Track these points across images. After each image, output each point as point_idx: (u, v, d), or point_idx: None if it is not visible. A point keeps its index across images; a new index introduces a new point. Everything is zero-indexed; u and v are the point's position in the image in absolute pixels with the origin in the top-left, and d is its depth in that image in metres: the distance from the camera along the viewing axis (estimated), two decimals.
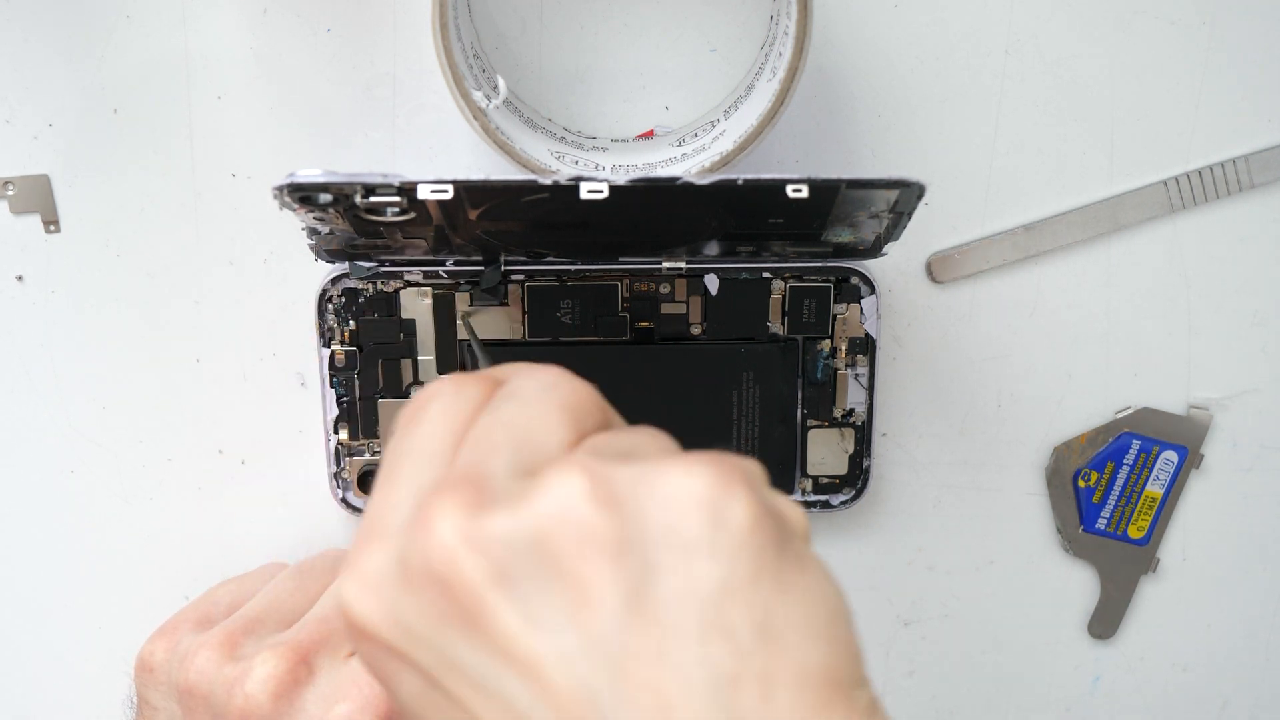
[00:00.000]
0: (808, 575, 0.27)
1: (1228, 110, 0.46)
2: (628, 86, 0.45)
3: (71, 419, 0.47)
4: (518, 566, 0.26)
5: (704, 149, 0.42)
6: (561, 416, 0.29)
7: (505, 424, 0.29)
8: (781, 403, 0.46)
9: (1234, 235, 0.47)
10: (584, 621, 0.26)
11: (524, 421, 0.29)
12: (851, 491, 0.47)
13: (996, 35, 0.45)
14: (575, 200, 0.34)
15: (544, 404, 0.30)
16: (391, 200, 0.35)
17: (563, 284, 0.45)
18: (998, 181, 0.47)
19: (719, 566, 0.26)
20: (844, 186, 0.34)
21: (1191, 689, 0.51)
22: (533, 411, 0.29)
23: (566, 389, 0.30)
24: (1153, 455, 0.48)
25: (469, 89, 0.40)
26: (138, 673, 0.42)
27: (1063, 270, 0.47)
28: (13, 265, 0.46)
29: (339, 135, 0.45)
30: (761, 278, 0.45)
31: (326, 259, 0.42)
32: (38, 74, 0.45)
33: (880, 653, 0.50)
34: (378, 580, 0.28)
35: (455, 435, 0.30)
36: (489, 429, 0.29)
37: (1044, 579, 0.50)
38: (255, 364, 0.47)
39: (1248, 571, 0.50)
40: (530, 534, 0.27)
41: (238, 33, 0.45)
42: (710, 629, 0.26)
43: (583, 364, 0.45)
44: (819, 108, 0.46)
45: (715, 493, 0.27)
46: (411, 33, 0.45)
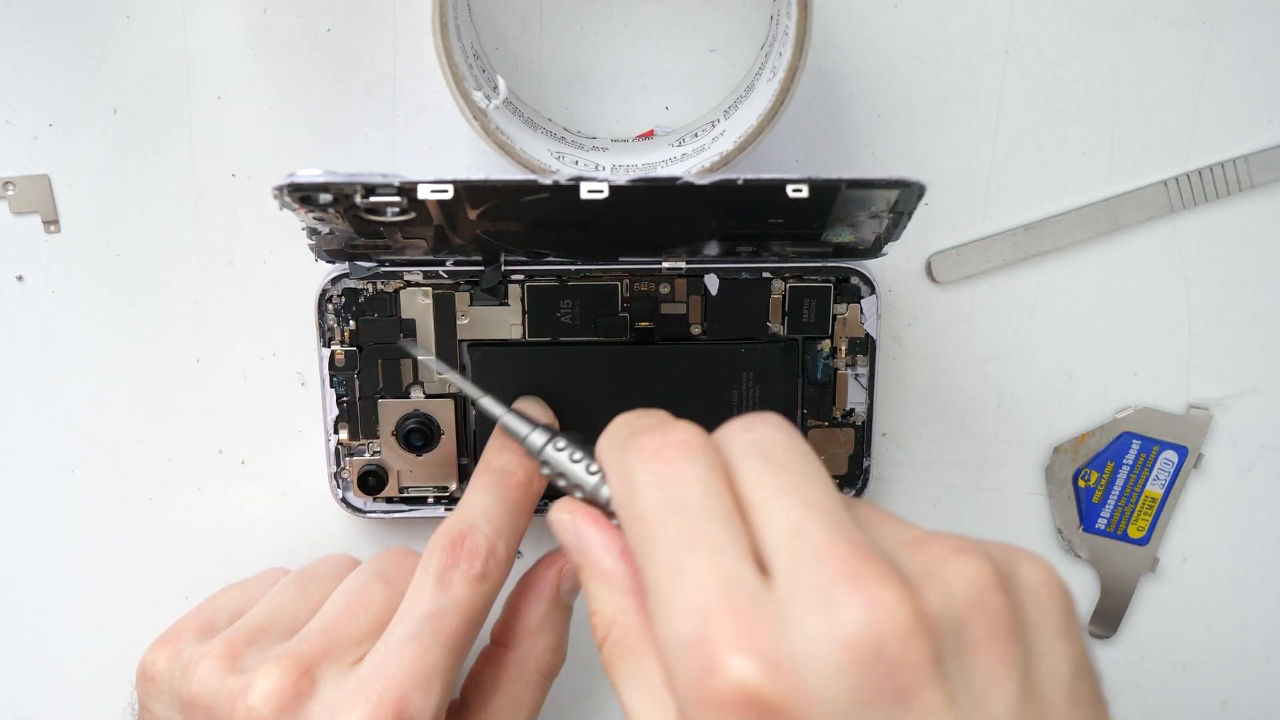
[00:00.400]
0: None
1: (1228, 110, 0.46)
2: (628, 86, 0.45)
3: (71, 419, 0.47)
4: (946, 648, 0.29)
5: (704, 149, 0.42)
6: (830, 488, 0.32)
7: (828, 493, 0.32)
8: (782, 403, 0.46)
9: (1234, 235, 0.47)
10: (992, 701, 0.29)
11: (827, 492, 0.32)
12: (851, 491, 0.47)
13: (996, 35, 0.45)
14: (575, 200, 0.34)
15: (818, 471, 0.33)
16: (391, 200, 0.35)
17: (563, 284, 0.45)
18: (998, 181, 0.47)
19: (1076, 647, 0.32)
20: (844, 186, 0.34)
21: (1191, 689, 0.51)
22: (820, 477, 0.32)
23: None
24: (1153, 455, 0.48)
25: (469, 89, 0.40)
26: (140, 682, 0.41)
27: (1063, 270, 0.47)
28: (13, 265, 0.46)
29: (339, 135, 0.45)
30: (762, 278, 0.45)
31: (326, 259, 0.42)
32: (38, 74, 0.45)
33: None
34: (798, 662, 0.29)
35: (728, 499, 0.32)
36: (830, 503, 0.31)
37: None
38: (255, 364, 0.47)
39: (1248, 571, 0.50)
40: (957, 618, 0.29)
41: (238, 33, 0.45)
42: (1074, 703, 0.31)
43: (583, 364, 0.45)
44: (819, 108, 0.46)
45: (1058, 578, 0.33)
46: (411, 33, 0.45)
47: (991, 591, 0.30)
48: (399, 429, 0.46)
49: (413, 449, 0.46)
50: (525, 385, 0.45)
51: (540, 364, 0.45)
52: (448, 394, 0.46)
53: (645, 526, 0.32)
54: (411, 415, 0.46)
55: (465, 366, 0.45)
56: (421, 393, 0.46)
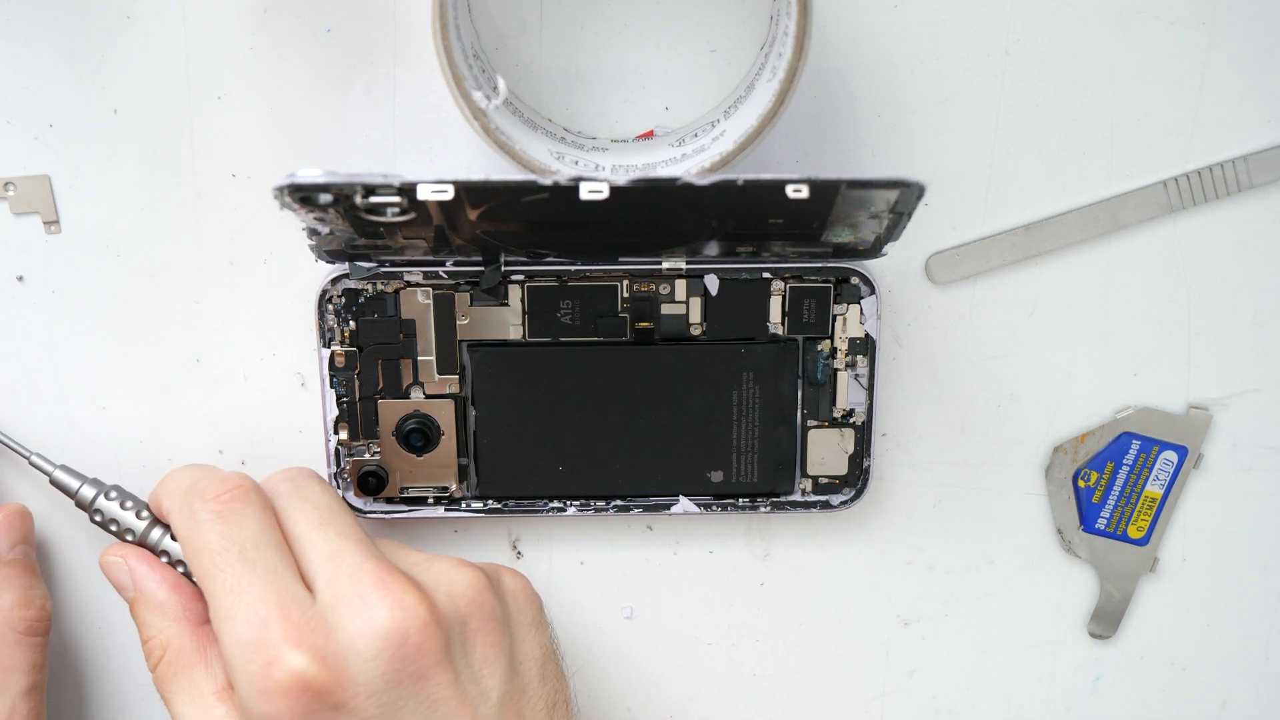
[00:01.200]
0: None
1: (1228, 110, 0.46)
2: (628, 86, 0.45)
3: (71, 419, 0.47)
4: (453, 638, 0.39)
5: (704, 149, 0.42)
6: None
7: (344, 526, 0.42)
8: (781, 403, 0.46)
9: (1234, 235, 0.47)
10: (486, 676, 0.40)
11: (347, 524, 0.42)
12: (851, 492, 0.47)
13: (996, 35, 0.45)
14: (575, 200, 0.34)
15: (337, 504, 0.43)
16: (391, 200, 0.35)
17: (563, 284, 0.45)
18: (998, 181, 0.47)
19: (544, 635, 0.43)
20: (844, 187, 0.34)
21: (1191, 689, 0.51)
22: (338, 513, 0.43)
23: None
24: (1152, 455, 0.48)
25: (469, 89, 0.40)
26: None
27: (1063, 270, 0.47)
28: (13, 265, 0.46)
29: (339, 135, 0.45)
30: (761, 278, 0.45)
31: (327, 259, 0.42)
32: (38, 74, 0.45)
33: (880, 653, 0.50)
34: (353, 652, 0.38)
35: (277, 533, 0.41)
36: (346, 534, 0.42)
37: (1044, 579, 0.50)
38: (255, 364, 0.47)
39: (1248, 571, 0.50)
40: (461, 614, 0.40)
41: (238, 33, 0.45)
42: (544, 678, 0.42)
43: (583, 365, 0.45)
44: (819, 108, 0.46)
45: (530, 586, 0.44)
46: (411, 33, 0.45)
47: (485, 593, 0.40)
48: (399, 429, 0.46)
49: (413, 449, 0.46)
50: (525, 385, 0.45)
51: (540, 364, 0.45)
52: (448, 394, 0.46)
53: (209, 555, 0.40)
54: (411, 416, 0.46)
55: (465, 367, 0.45)
56: (421, 393, 0.46)
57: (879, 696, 0.51)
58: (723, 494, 0.47)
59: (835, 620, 0.50)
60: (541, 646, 0.42)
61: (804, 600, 0.50)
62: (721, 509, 0.47)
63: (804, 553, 0.49)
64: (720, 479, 0.46)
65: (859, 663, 0.50)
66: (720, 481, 0.46)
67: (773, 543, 0.49)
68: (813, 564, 0.49)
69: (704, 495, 0.47)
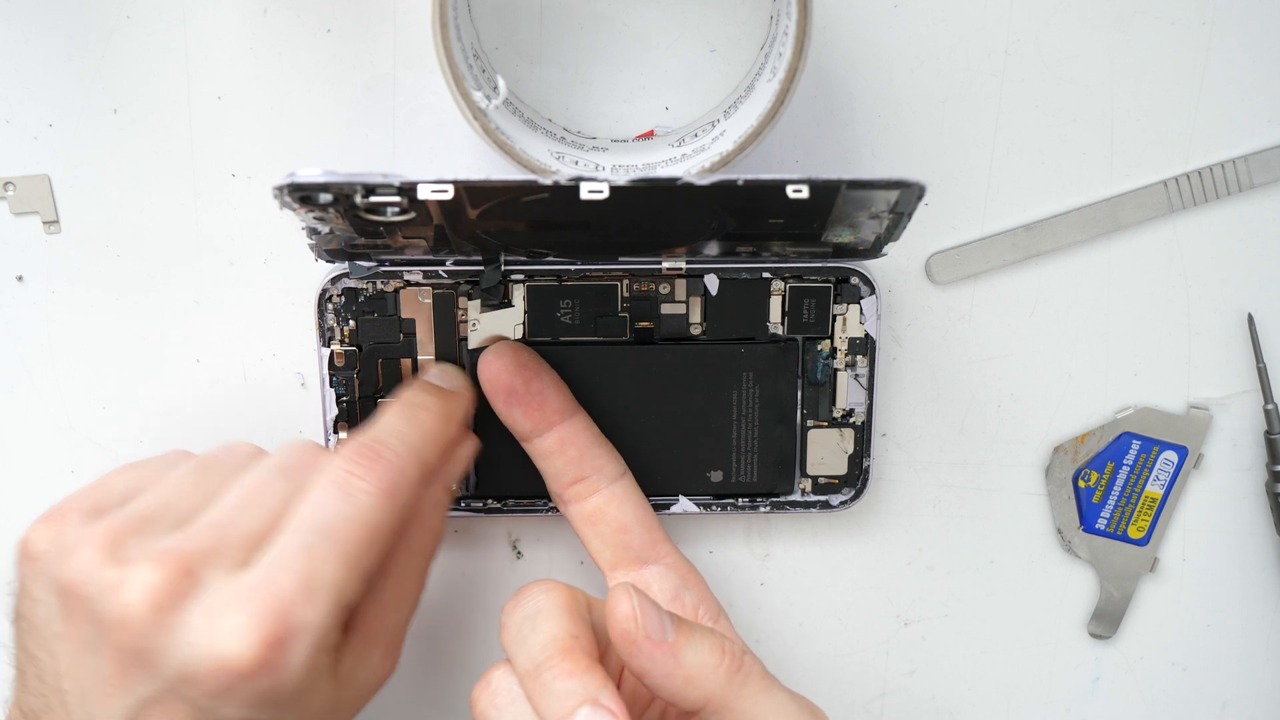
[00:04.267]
0: None
1: (1228, 110, 0.46)
2: (628, 86, 0.45)
3: (71, 419, 0.47)
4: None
5: (704, 149, 0.42)
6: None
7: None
8: (781, 403, 0.46)
9: (1234, 235, 0.47)
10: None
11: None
12: (851, 492, 0.47)
13: (996, 35, 0.45)
14: (575, 200, 0.34)
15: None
16: (391, 200, 0.35)
17: (562, 284, 0.45)
18: (998, 181, 0.47)
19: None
20: (844, 187, 0.34)
21: (1191, 689, 0.51)
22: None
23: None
24: (1153, 455, 0.48)
25: (469, 89, 0.40)
26: (20, 560, 0.39)
27: (1063, 270, 0.47)
28: (13, 265, 0.46)
29: (339, 135, 0.45)
30: (761, 278, 0.45)
31: (326, 259, 0.42)
32: (38, 74, 0.45)
33: (880, 653, 0.50)
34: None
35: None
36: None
37: (1044, 579, 0.50)
38: (255, 364, 0.47)
39: (1248, 571, 0.50)
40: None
41: (238, 33, 0.45)
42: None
43: (583, 364, 0.45)
44: (819, 108, 0.46)
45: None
46: (411, 33, 0.45)
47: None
48: None
49: None
50: None
51: None
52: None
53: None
54: None
55: (466, 367, 0.45)
56: None
57: (879, 696, 0.51)
58: (722, 494, 0.47)
59: (835, 620, 0.50)
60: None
61: (804, 600, 0.50)
62: (721, 509, 0.47)
63: (804, 553, 0.49)
64: (720, 479, 0.46)
65: (859, 663, 0.50)
66: (720, 481, 0.46)
67: (772, 543, 0.49)
68: (813, 564, 0.49)
69: (704, 495, 0.47)
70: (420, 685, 0.50)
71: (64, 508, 0.39)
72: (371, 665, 0.41)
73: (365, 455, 0.39)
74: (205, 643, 0.35)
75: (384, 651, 0.41)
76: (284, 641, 0.35)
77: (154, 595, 0.36)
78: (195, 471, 0.41)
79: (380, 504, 0.38)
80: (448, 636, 0.49)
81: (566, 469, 0.44)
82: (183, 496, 0.40)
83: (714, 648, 0.39)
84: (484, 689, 0.39)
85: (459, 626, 0.49)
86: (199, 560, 0.37)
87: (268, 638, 0.35)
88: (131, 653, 0.36)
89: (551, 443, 0.43)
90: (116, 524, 0.38)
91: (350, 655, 0.40)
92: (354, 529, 0.37)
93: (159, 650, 0.36)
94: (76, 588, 0.37)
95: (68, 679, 0.37)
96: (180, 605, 0.36)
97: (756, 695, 0.39)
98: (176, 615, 0.36)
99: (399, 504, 0.39)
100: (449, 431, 0.42)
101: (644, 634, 0.38)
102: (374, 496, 0.38)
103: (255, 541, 0.38)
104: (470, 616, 0.49)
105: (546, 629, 0.39)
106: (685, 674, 0.38)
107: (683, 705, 0.39)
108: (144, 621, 0.36)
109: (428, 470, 0.40)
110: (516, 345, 0.44)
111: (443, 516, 0.43)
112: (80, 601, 0.37)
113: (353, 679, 0.40)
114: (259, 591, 0.36)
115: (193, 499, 0.40)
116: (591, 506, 0.44)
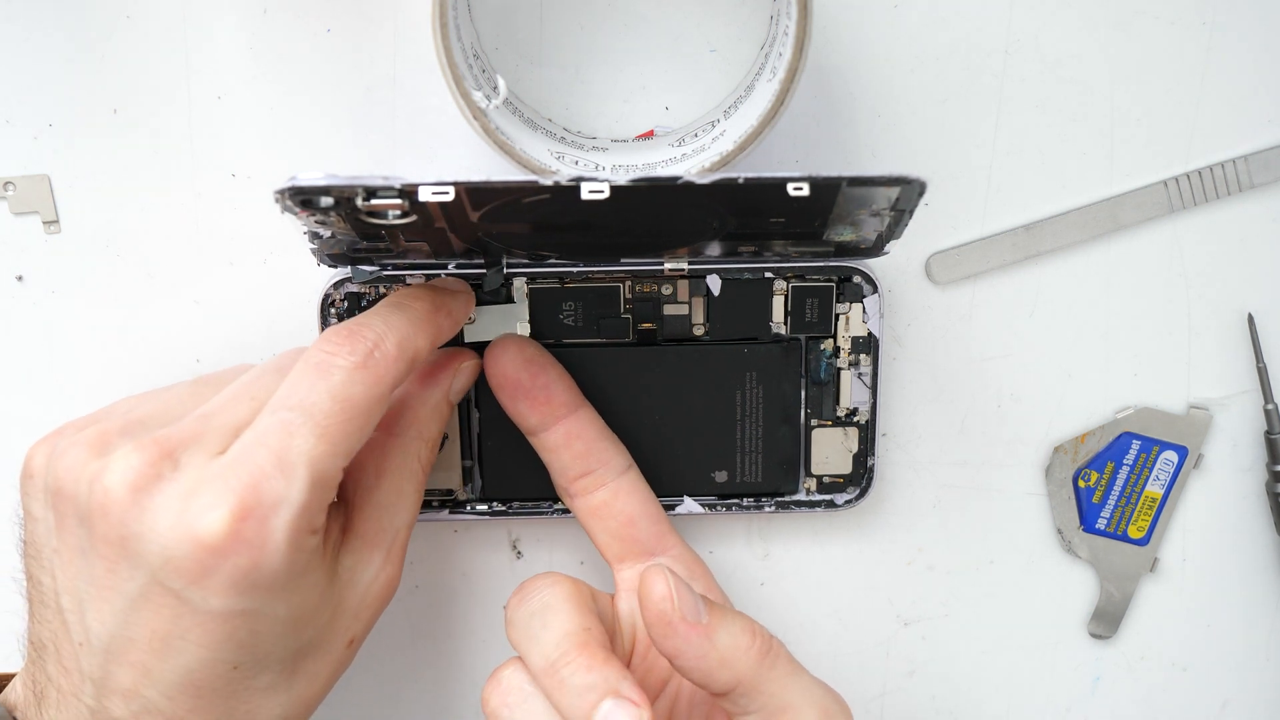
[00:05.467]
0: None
1: (1228, 110, 0.46)
2: (628, 86, 0.45)
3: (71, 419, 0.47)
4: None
5: (704, 149, 0.42)
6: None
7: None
8: (785, 402, 0.46)
9: (1234, 235, 0.47)
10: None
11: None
12: (856, 490, 0.47)
13: (996, 35, 0.45)
14: (576, 201, 0.34)
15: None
16: (393, 202, 0.35)
17: (564, 286, 0.45)
18: (998, 181, 0.47)
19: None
20: (845, 184, 0.34)
21: (1191, 689, 0.51)
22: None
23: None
24: (1153, 455, 0.48)
25: (469, 89, 0.40)
26: (21, 481, 0.40)
27: (1063, 270, 0.47)
28: (13, 265, 0.46)
29: (339, 136, 0.45)
30: (764, 277, 0.45)
31: (329, 264, 0.42)
32: (38, 74, 0.45)
33: (880, 653, 0.50)
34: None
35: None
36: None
37: (1044, 579, 0.50)
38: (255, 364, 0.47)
39: (1248, 571, 0.50)
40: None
41: (238, 33, 0.45)
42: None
43: (586, 366, 0.45)
44: (819, 108, 0.46)
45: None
46: (411, 33, 0.45)
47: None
48: None
49: None
50: None
51: None
52: None
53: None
54: None
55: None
56: None
57: (879, 696, 0.51)
58: (727, 494, 0.47)
59: (835, 620, 0.50)
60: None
61: (804, 600, 0.50)
62: (726, 509, 0.47)
63: (804, 553, 0.49)
64: (724, 479, 0.46)
65: (859, 663, 0.50)
66: (725, 482, 0.46)
67: (773, 543, 0.49)
68: (813, 564, 0.49)
69: (708, 495, 0.47)
70: (420, 685, 0.50)
71: (62, 427, 0.40)
72: (373, 567, 0.41)
73: (343, 334, 0.38)
74: (180, 521, 0.35)
75: (385, 555, 0.41)
76: (257, 513, 0.35)
77: (132, 477, 0.36)
78: (193, 384, 0.41)
79: (355, 377, 0.37)
80: (448, 636, 0.49)
81: (573, 463, 0.43)
82: (175, 404, 0.40)
83: (745, 630, 0.39)
84: (495, 687, 0.39)
85: (459, 627, 0.49)
86: (179, 444, 0.37)
87: (239, 510, 0.35)
88: (115, 544, 0.36)
89: (558, 437, 0.43)
90: (105, 426, 0.38)
91: (349, 555, 0.40)
92: (328, 402, 0.37)
93: (139, 537, 0.35)
94: (65, 487, 0.37)
95: (66, 595, 0.37)
96: (158, 487, 0.36)
97: (785, 678, 0.39)
98: (154, 498, 0.36)
99: (377, 378, 0.38)
100: (440, 321, 0.41)
101: (680, 615, 0.38)
102: (348, 371, 0.37)
103: (238, 429, 0.37)
104: (470, 617, 0.49)
105: (558, 624, 0.39)
106: (719, 655, 0.38)
107: (713, 688, 0.39)
108: (122, 505, 0.36)
109: (412, 351, 0.39)
110: (522, 340, 0.44)
111: (440, 426, 0.43)
112: (69, 501, 0.37)
113: (354, 579, 0.40)
114: (232, 467, 0.36)
115: (186, 405, 0.40)
116: (598, 500, 0.44)
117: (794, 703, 0.39)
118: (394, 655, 0.49)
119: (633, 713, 0.37)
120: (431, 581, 0.49)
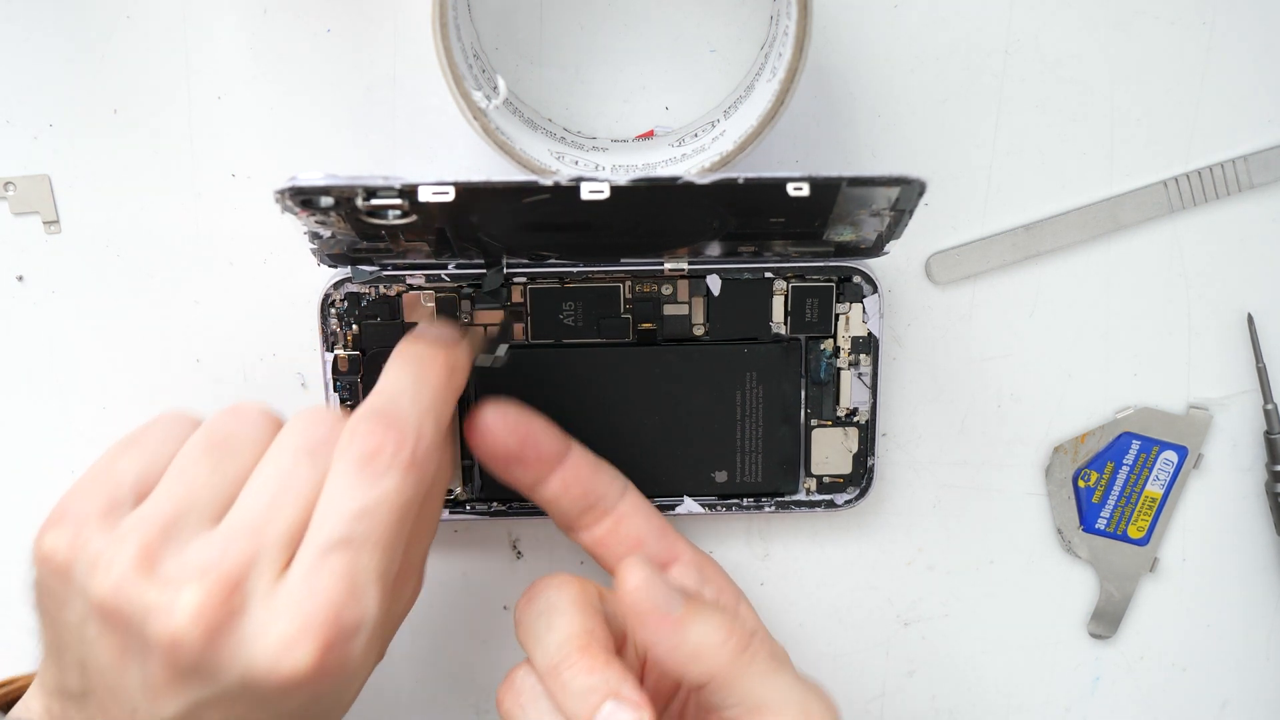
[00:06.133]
0: None
1: (1228, 110, 0.46)
2: (628, 86, 0.45)
3: (71, 419, 0.47)
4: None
5: (704, 149, 0.42)
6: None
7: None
8: (785, 402, 0.46)
9: (1234, 235, 0.47)
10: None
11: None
12: (856, 490, 0.47)
13: (996, 35, 0.45)
14: (576, 201, 0.34)
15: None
16: (393, 202, 0.35)
17: (564, 286, 0.45)
18: (998, 181, 0.47)
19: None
20: (845, 184, 0.34)
21: (1191, 689, 0.51)
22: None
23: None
24: (1152, 455, 0.48)
25: (469, 89, 0.40)
26: (38, 563, 0.37)
27: (1063, 270, 0.47)
28: (13, 265, 0.46)
29: (339, 136, 0.45)
30: (764, 277, 0.45)
31: (329, 264, 0.42)
32: (38, 74, 0.45)
33: (880, 653, 0.50)
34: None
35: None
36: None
37: (1044, 579, 0.50)
38: (255, 364, 0.47)
39: (1248, 571, 0.50)
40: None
41: (238, 33, 0.45)
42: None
43: (586, 367, 0.45)
44: (819, 108, 0.46)
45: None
46: (411, 33, 0.45)
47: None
48: None
49: None
50: (528, 387, 0.45)
51: (543, 366, 0.45)
52: None
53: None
54: None
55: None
56: None
57: (879, 696, 0.51)
58: (727, 494, 0.47)
59: (835, 620, 0.50)
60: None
61: (804, 600, 0.50)
62: (726, 509, 0.47)
63: (804, 553, 0.49)
64: (725, 479, 0.46)
65: (859, 663, 0.50)
66: (725, 481, 0.46)
67: (773, 543, 0.49)
68: (812, 564, 0.49)
69: (708, 495, 0.47)
70: (420, 685, 0.50)
71: (77, 508, 0.37)
72: (405, 599, 0.41)
73: (379, 425, 0.37)
74: (263, 657, 0.35)
75: (417, 577, 0.42)
76: (339, 644, 0.35)
77: (204, 617, 0.35)
78: (207, 451, 0.38)
79: (406, 481, 0.37)
80: (448, 637, 0.49)
81: (573, 506, 0.43)
82: (203, 484, 0.37)
83: (720, 625, 0.39)
84: (508, 688, 0.40)
85: (459, 627, 0.49)
86: (242, 573, 0.35)
87: (323, 645, 0.35)
88: (186, 668, 0.35)
89: (555, 488, 0.43)
90: (144, 532, 0.36)
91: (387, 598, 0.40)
92: (386, 514, 0.36)
93: (215, 665, 0.35)
94: (118, 608, 0.35)
95: (110, 675, 0.36)
96: (231, 624, 0.35)
97: (763, 676, 0.39)
98: (229, 635, 0.35)
99: (424, 473, 0.37)
100: (456, 383, 0.40)
101: (651, 606, 0.38)
102: (399, 477, 0.37)
103: (292, 538, 0.36)
104: (471, 617, 0.49)
105: (561, 626, 0.39)
106: (690, 649, 0.38)
107: (688, 681, 0.39)
108: (198, 643, 0.35)
109: (443, 430, 0.39)
110: (498, 406, 0.43)
111: (455, 453, 0.44)
112: (122, 620, 0.36)
113: (390, 617, 0.40)
114: (307, 600, 0.35)
115: (214, 486, 0.37)
116: (603, 530, 0.44)
117: (771, 701, 0.39)
118: (393, 655, 0.49)
119: (633, 714, 0.37)
120: (431, 581, 0.49)
